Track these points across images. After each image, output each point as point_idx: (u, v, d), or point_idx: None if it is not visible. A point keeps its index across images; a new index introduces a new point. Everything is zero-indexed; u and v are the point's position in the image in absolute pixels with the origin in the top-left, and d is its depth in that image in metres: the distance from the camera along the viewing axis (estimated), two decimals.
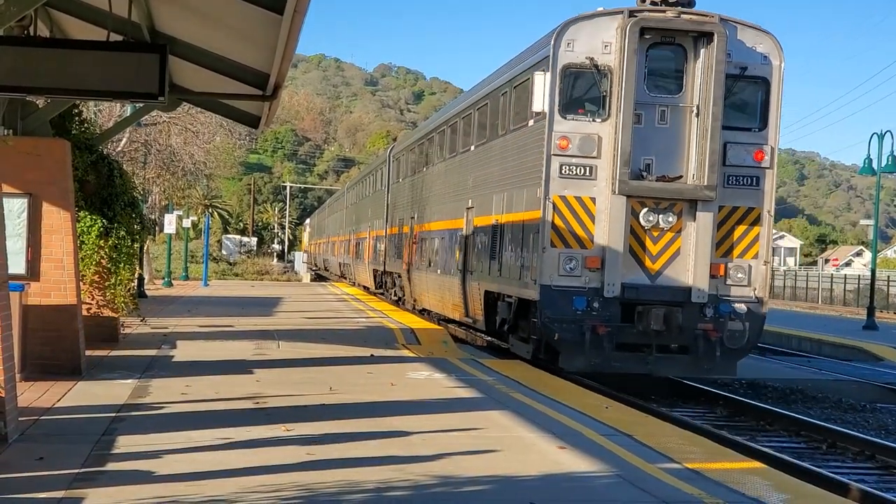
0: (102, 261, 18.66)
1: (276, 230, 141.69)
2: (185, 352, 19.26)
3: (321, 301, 40.05)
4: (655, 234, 19.67)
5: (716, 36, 19.14)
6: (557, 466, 9.96)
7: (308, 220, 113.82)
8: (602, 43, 19.59)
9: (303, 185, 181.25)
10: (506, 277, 22.15)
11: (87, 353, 16.39)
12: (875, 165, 37.79)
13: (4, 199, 11.67)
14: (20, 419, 10.78)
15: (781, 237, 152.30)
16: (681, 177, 19.64)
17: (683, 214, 19.61)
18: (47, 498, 8.00)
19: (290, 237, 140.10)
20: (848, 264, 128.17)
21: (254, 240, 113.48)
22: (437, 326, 28.78)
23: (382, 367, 17.84)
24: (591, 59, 19.57)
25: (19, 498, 8.01)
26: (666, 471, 9.98)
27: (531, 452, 10.60)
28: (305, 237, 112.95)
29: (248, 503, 8.02)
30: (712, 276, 19.52)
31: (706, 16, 19.53)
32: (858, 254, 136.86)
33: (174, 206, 56.06)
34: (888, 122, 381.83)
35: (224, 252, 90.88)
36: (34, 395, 13.08)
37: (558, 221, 19.50)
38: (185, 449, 10.06)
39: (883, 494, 11.99)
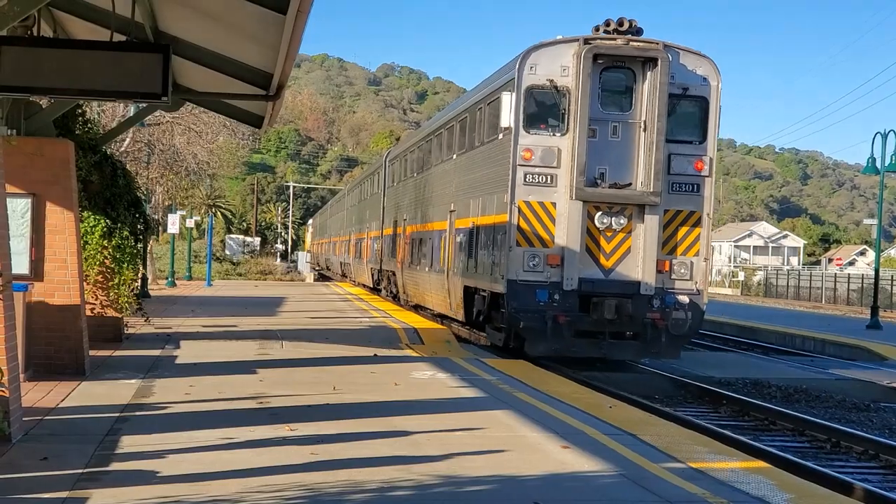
0: (106, 261, 18.68)
1: (279, 230, 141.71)
2: (188, 352, 19.26)
3: (324, 301, 40.05)
4: (609, 234, 22.33)
5: (660, 61, 21.81)
6: (561, 466, 9.96)
7: (311, 221, 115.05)
8: (561, 67, 22.19)
9: (306, 185, 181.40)
10: (480, 274, 24.73)
11: (91, 353, 16.39)
12: (878, 165, 37.75)
13: (8, 199, 11.68)
14: (24, 419, 10.79)
15: (784, 236, 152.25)
16: (630, 184, 22.17)
17: (633, 217, 22.28)
18: (51, 498, 8.00)
19: (294, 237, 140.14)
20: (851, 264, 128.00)
21: (257, 240, 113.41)
22: (440, 326, 28.83)
23: (386, 367, 17.84)
24: (551, 80, 22.18)
25: (23, 498, 8.02)
26: (670, 470, 9.98)
27: (535, 452, 10.59)
28: (308, 237, 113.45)
29: (252, 503, 8.02)
30: (659, 272, 22.20)
31: (652, 43, 22.23)
32: (862, 253, 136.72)
33: (177, 206, 56.12)
34: (892, 121, 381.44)
35: (227, 252, 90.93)
36: (38, 395, 13.09)
37: (523, 224, 22.17)
38: (188, 449, 10.06)
39: (887, 494, 11.97)
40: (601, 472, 9.75)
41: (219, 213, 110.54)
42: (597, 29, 22.65)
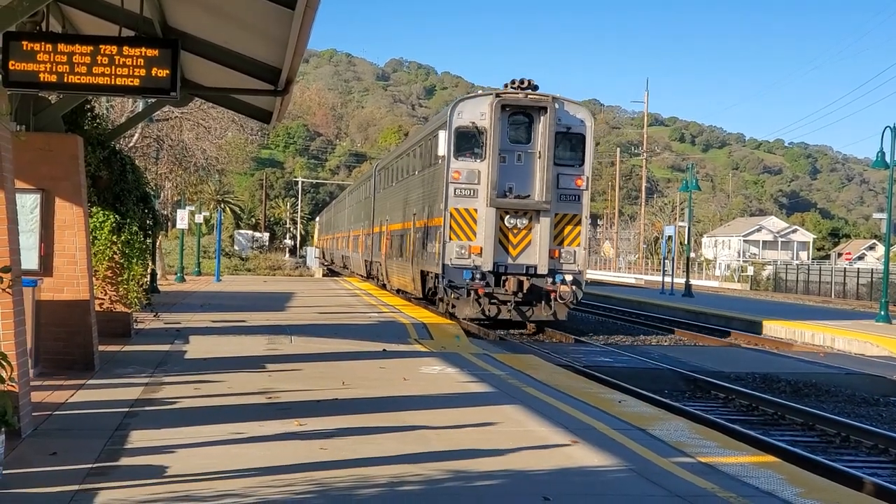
0: (115, 256, 18.71)
1: (287, 225, 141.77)
2: (197, 347, 19.28)
3: (333, 296, 40.07)
4: (515, 231, 31.05)
5: (549, 109, 30.77)
6: (570, 461, 9.95)
7: (318, 217, 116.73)
8: (480, 113, 31.21)
9: (314, 181, 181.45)
10: (428, 260, 33.75)
11: (100, 348, 16.43)
12: (888, 159, 37.61)
13: (17, 195, 11.69)
14: (34, 414, 10.81)
15: (794, 231, 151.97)
16: (530, 196, 30.96)
17: (532, 219, 31.02)
18: (61, 492, 8.01)
19: (302, 232, 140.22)
20: (861, 258, 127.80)
21: (266, 235, 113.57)
22: (449, 321, 28.97)
23: (395, 362, 17.84)
24: (473, 122, 31.18)
25: (33, 493, 8.03)
26: (679, 465, 9.96)
27: (544, 446, 10.58)
28: (316, 233, 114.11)
29: (260, 498, 8.02)
30: (551, 258, 30.95)
31: (544, 96, 31.14)
32: (871, 247, 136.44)
33: (186, 202, 56.13)
34: None
35: (236, 247, 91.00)
36: (47, 390, 13.11)
37: (454, 224, 30.99)
38: (197, 444, 10.07)
39: None
40: (610, 467, 9.74)
41: (228, 208, 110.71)
42: (506, 85, 31.67)
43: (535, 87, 31.34)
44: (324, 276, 67.33)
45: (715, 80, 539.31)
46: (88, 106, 18.55)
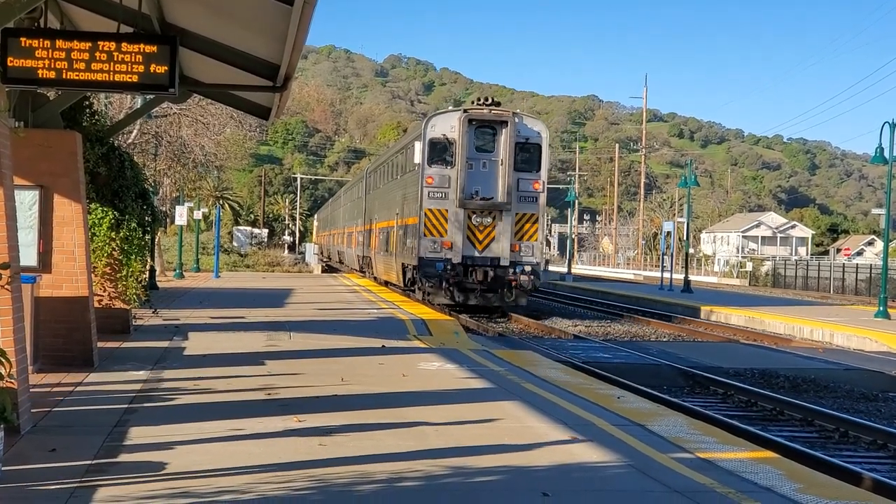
0: (114, 252, 18.70)
1: (286, 222, 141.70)
2: (196, 343, 19.28)
3: (332, 292, 40.09)
4: (481, 228, 35.38)
5: (509, 122, 35.24)
6: (569, 457, 9.95)
7: (316, 214, 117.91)
8: (450, 126, 35.51)
9: (313, 177, 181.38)
10: (407, 254, 37.72)
11: (99, 344, 16.42)
12: (887, 154, 37.61)
13: (16, 192, 11.68)
14: (33, 411, 10.81)
15: (793, 227, 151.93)
16: (493, 197, 35.34)
17: (496, 218, 35.39)
18: (60, 489, 8.01)
19: (301, 228, 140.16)
20: (859, 254, 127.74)
21: (265, 231, 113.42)
22: (448, 317, 29.03)
23: (394, 358, 17.85)
24: (444, 135, 35.50)
25: (32, 489, 8.03)
26: (678, 460, 9.97)
27: (543, 443, 10.58)
28: (314, 230, 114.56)
29: (259, 494, 8.02)
30: (512, 251, 35.25)
31: (505, 111, 36.14)
32: (870, 243, 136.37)
33: (185, 198, 56.12)
34: None
35: (235, 244, 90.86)
36: (46, 386, 13.11)
37: (428, 223, 35.20)
38: (196, 440, 10.07)
39: None
40: (609, 463, 9.75)
41: (226, 204, 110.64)
42: (472, 103, 37.05)
43: (498, 104, 36.89)
44: (322, 272, 67.33)
45: (714, 76, 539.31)
46: (87, 102, 18.53)
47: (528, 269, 34.99)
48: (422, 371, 16.23)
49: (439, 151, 35.59)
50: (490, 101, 36.47)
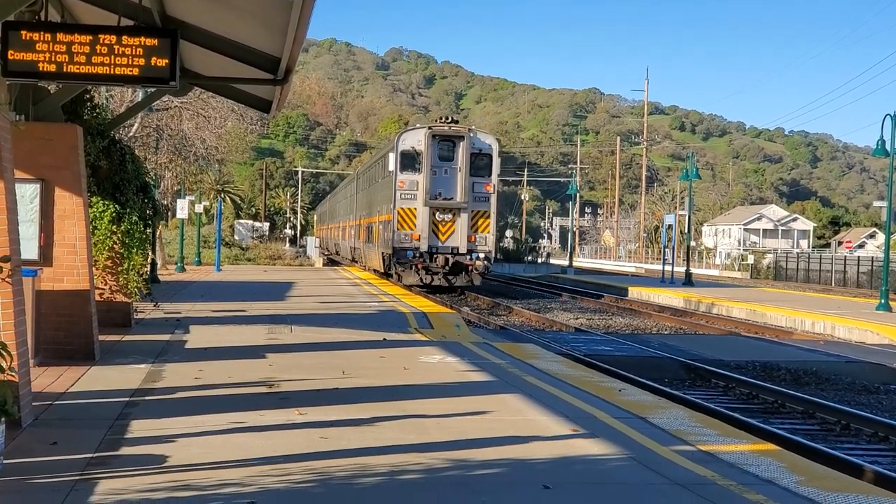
0: (115, 246, 18.70)
1: (288, 215, 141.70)
2: (198, 336, 19.28)
3: (334, 286, 40.09)
4: (443, 223, 42.67)
5: (465, 136, 42.95)
6: (571, 449, 9.95)
7: (317, 209, 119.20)
8: (417, 140, 43.02)
9: (314, 170, 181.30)
10: (385, 245, 44.64)
11: (101, 338, 16.43)
12: (888, 147, 37.57)
13: (17, 185, 11.68)
14: (34, 404, 10.81)
15: (794, 219, 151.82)
16: (453, 198, 42.66)
17: (455, 214, 42.74)
18: (61, 482, 8.01)
19: (303, 222, 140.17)
20: (861, 246, 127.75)
21: (266, 225, 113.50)
22: (450, 310, 29.05)
23: (395, 351, 17.85)
24: (413, 147, 42.93)
25: (34, 482, 8.03)
26: (679, 453, 9.97)
27: (544, 436, 10.58)
28: (315, 223, 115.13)
29: (260, 487, 8.02)
30: (469, 241, 42.54)
31: (462, 127, 43.93)
32: (871, 236, 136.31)
33: (186, 191, 56.12)
34: None
35: (236, 237, 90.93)
36: (48, 380, 13.12)
37: (400, 219, 42.64)
38: (198, 433, 10.07)
39: None
40: (611, 456, 9.75)
41: (228, 198, 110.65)
42: (435, 120, 45.17)
43: (457, 122, 45.05)
44: (324, 265, 67.34)
45: (715, 69, 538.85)
46: (88, 95, 18.51)
47: (482, 255, 42.69)
48: (423, 364, 16.23)
49: (409, 161, 42.91)
50: (450, 119, 44.95)
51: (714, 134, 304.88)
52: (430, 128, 43.43)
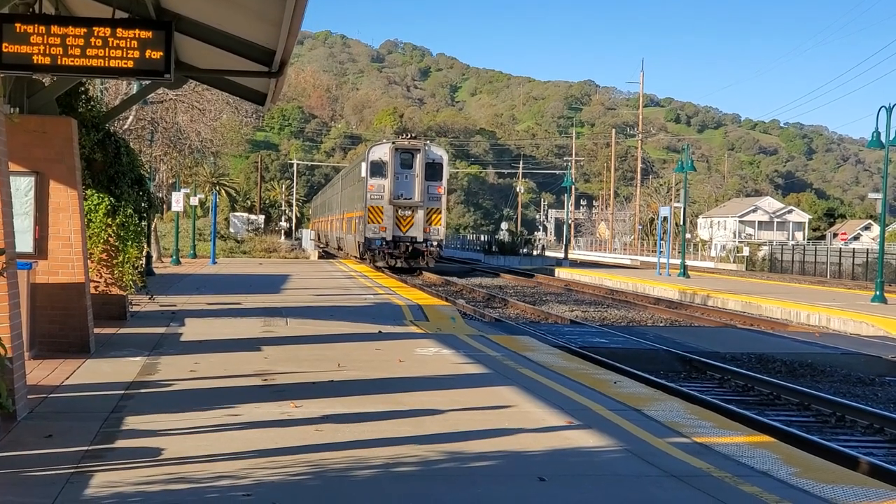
0: (110, 239, 18.67)
1: (283, 208, 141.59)
2: (193, 329, 19.28)
3: (329, 278, 40.08)
4: (404, 218, 52.78)
5: (422, 149, 53.60)
6: (566, 441, 9.95)
7: (311, 202, 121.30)
8: (384, 152, 53.53)
9: (310, 163, 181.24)
10: (360, 235, 54.40)
11: (96, 331, 16.41)
12: (883, 139, 37.58)
13: (11, 178, 11.66)
14: (29, 397, 10.81)
15: (789, 211, 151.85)
16: (412, 198, 52.82)
17: (413, 211, 52.94)
18: (56, 475, 8.01)
19: (298, 214, 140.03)
20: (856, 238, 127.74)
21: (261, 217, 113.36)
22: (445, 302, 29.03)
23: (390, 344, 17.85)
24: (380, 158, 53.47)
25: (28, 475, 8.03)
26: (675, 445, 9.98)
27: (540, 428, 10.59)
28: (310, 216, 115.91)
29: (256, 480, 8.02)
30: (424, 232, 52.86)
31: (419, 142, 54.98)
32: (867, 227, 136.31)
33: (181, 184, 56.08)
34: None
35: (232, 230, 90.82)
36: (43, 373, 13.11)
37: (370, 215, 52.65)
38: (193, 426, 10.07)
39: (892, 467, 11.95)
40: (606, 448, 9.76)
41: (223, 190, 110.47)
42: (397, 136, 62.58)
43: (417, 137, 58.01)
44: (319, 258, 67.30)
45: (710, 61, 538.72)
46: (82, 88, 18.48)
47: (435, 243, 53.76)
48: (418, 356, 16.24)
49: (377, 168, 53.34)
50: (410, 135, 58.33)
51: (709, 126, 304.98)
52: (393, 143, 54.92)
